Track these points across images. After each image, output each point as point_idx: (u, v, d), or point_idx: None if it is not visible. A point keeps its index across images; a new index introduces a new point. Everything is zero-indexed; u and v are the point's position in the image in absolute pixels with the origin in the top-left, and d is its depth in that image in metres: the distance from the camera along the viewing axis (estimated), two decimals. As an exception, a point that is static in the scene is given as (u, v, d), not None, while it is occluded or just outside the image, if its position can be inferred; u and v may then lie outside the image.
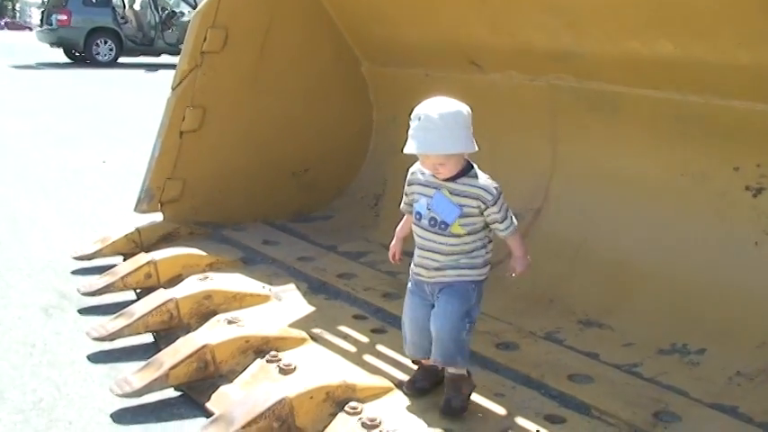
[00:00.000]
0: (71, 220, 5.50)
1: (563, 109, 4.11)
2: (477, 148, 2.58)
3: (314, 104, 5.06)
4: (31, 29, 34.33)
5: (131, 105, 12.43)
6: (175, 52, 22.42)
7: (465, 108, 2.58)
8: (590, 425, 2.69)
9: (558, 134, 4.19)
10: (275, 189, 5.02)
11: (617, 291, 3.65)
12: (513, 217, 2.70)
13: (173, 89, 4.52)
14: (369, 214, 5.04)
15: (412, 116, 2.57)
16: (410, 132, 2.55)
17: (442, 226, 2.62)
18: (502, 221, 2.65)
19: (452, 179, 2.62)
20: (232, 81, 4.64)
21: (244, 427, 2.50)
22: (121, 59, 21.75)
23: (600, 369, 3.09)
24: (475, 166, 2.66)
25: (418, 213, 2.68)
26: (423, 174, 2.69)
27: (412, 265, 2.78)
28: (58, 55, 22.46)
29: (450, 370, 2.74)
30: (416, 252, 2.74)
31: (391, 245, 2.97)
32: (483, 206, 2.60)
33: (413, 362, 2.93)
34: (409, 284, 2.81)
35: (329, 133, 5.16)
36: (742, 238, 3.43)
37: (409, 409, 2.73)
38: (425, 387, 2.83)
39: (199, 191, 4.69)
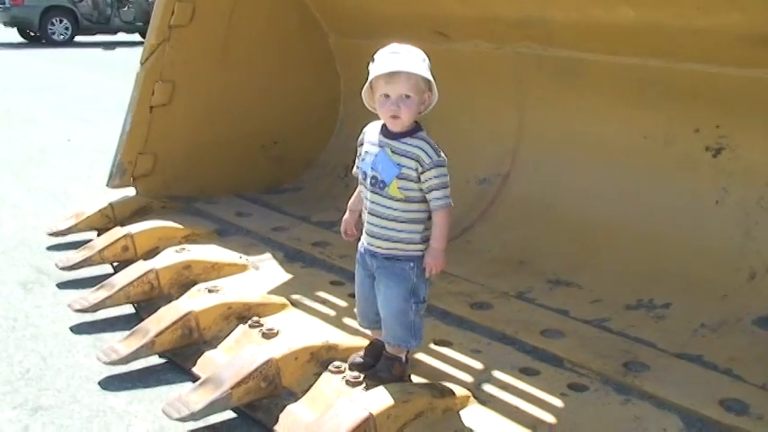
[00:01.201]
0: (41, 198, 5.51)
1: (528, 76, 4.21)
2: (437, 97, 2.54)
3: (282, 77, 5.11)
4: (-19, 9, 33.57)
5: (91, 84, 12.32)
6: (132, 30, 22.22)
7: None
8: (563, 376, 2.81)
9: (524, 101, 4.30)
10: (246, 162, 5.08)
11: (585, 250, 3.78)
12: (450, 198, 2.55)
13: (141, 64, 4.53)
14: (339, 185, 5.11)
15: (375, 55, 2.50)
16: (375, 64, 2.48)
17: (381, 185, 2.54)
18: (437, 190, 2.52)
19: (397, 137, 2.54)
20: (200, 55, 4.67)
21: (233, 388, 2.58)
22: (78, 38, 21.41)
23: (570, 324, 3.22)
24: (424, 130, 2.57)
25: (363, 172, 2.62)
26: (372, 133, 2.63)
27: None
28: (12, 35, 22.01)
29: (388, 349, 2.71)
30: (365, 217, 2.68)
31: (343, 219, 2.89)
32: (420, 168, 2.49)
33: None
34: (357, 254, 2.75)
35: (297, 106, 5.21)
36: (703, 197, 3.57)
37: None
38: (369, 363, 2.74)
39: (170, 165, 4.73)
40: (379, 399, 2.41)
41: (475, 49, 4.35)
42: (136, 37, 22.79)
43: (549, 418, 2.54)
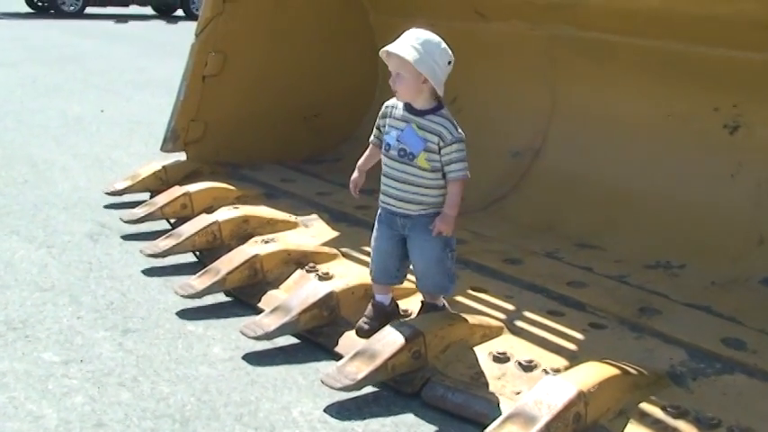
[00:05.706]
0: (88, 163, 6.19)
1: (561, 56, 4.88)
2: (441, 92, 2.99)
3: (324, 53, 5.78)
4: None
5: (111, 57, 12.97)
6: (144, 3, 22.91)
7: (448, 51, 3.00)
8: (585, 317, 3.46)
9: (556, 80, 4.96)
10: (288, 132, 5.76)
11: (609, 218, 4.43)
12: (467, 171, 3.05)
13: (196, 35, 5.20)
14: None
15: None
16: None
17: (410, 157, 3.04)
18: (454, 163, 3.02)
19: (422, 114, 3.03)
20: (251, 28, 5.34)
21: (300, 314, 3.26)
22: (88, 10, 22.11)
23: (594, 278, 3.88)
24: (446, 108, 3.06)
25: (388, 144, 3.12)
26: (397, 108, 3.14)
27: (380, 194, 3.22)
28: (18, 4, 22.63)
29: (427, 298, 3.30)
30: (383, 181, 3.19)
31: (353, 177, 3.39)
32: (441, 143, 3.00)
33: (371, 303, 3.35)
34: (379, 213, 3.26)
35: (338, 81, 5.88)
36: (720, 170, 4.22)
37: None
38: (375, 327, 3.19)
39: (219, 132, 5.41)
40: (429, 322, 3.08)
41: (511, 29, 5.01)
42: (148, 10, 23.55)
43: (572, 347, 3.19)
